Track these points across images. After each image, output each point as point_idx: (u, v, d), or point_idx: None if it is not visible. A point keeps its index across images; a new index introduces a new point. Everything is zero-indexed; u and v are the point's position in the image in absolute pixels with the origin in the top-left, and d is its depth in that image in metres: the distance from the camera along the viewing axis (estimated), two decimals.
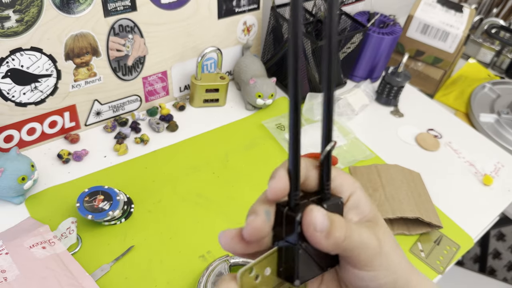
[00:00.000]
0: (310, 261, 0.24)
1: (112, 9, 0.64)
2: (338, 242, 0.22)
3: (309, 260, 0.24)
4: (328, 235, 0.22)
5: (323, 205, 0.24)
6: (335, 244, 0.22)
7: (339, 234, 0.22)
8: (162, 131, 0.74)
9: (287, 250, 0.23)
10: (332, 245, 0.22)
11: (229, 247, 0.24)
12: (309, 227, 0.22)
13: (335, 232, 0.22)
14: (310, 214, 0.22)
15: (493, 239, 1.37)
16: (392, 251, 0.24)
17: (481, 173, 0.78)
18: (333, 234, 0.22)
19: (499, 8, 1.18)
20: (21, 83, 0.61)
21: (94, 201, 0.56)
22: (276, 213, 0.23)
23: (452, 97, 0.98)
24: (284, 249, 0.24)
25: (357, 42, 0.85)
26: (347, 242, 0.22)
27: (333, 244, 0.22)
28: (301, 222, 0.22)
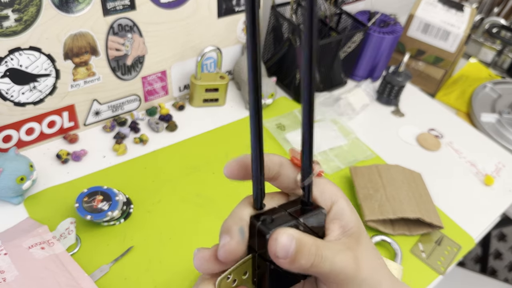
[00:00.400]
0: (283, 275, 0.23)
1: (111, 8, 0.63)
2: (304, 268, 0.21)
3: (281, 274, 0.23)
4: (292, 261, 0.21)
5: (299, 219, 0.23)
6: (301, 270, 0.21)
7: (304, 262, 0.21)
8: (161, 131, 0.74)
9: (260, 263, 0.23)
10: (297, 270, 0.21)
11: (203, 268, 0.23)
12: (271, 252, 0.21)
13: (300, 259, 0.21)
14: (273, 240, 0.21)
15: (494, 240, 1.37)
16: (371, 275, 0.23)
17: (482, 173, 0.78)
18: (297, 261, 0.21)
19: (500, 7, 1.17)
20: (20, 82, 0.60)
21: (93, 202, 0.56)
22: (250, 225, 0.23)
23: (453, 97, 0.98)
24: (257, 261, 0.23)
25: (358, 42, 0.85)
26: (315, 269, 0.21)
27: (298, 269, 0.21)
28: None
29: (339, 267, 0.22)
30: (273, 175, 0.24)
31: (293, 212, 0.23)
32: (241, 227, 0.22)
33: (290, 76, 0.85)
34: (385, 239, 0.62)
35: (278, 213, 0.23)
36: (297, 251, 0.21)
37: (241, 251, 0.22)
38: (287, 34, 0.83)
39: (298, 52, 0.82)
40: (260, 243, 0.22)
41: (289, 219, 0.23)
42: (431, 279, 0.60)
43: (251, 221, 0.23)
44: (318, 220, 0.24)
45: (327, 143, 0.77)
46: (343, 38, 0.82)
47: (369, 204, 0.63)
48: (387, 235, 0.63)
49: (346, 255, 0.23)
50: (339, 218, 0.24)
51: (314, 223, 0.23)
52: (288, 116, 0.81)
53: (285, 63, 0.85)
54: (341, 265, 0.22)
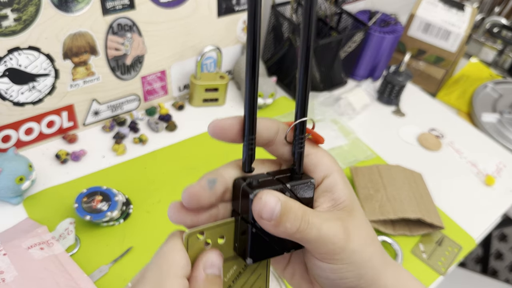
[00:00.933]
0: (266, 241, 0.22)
1: (111, 7, 0.63)
2: (289, 232, 0.20)
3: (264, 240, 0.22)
4: (277, 224, 0.20)
5: (286, 185, 0.22)
6: (286, 234, 0.21)
7: (290, 225, 0.20)
8: (161, 131, 0.73)
9: (241, 226, 0.22)
10: (282, 234, 0.21)
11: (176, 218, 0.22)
12: (256, 213, 0.20)
13: (285, 222, 0.20)
14: (259, 200, 0.20)
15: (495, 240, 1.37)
16: (361, 247, 0.22)
17: (483, 173, 0.78)
18: (283, 224, 0.20)
19: (501, 6, 1.17)
20: (19, 82, 0.60)
21: (92, 202, 0.56)
22: (234, 186, 0.22)
23: (454, 96, 0.98)
24: (239, 224, 0.22)
25: (358, 41, 0.85)
26: (301, 235, 0.21)
27: (283, 233, 0.21)
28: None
29: (326, 235, 0.21)
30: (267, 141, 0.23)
31: (281, 178, 0.23)
32: (214, 178, 0.21)
33: (290, 75, 0.85)
34: (386, 239, 0.62)
35: (265, 178, 0.22)
36: (283, 214, 0.20)
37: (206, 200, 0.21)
38: (287, 34, 0.82)
39: (298, 52, 0.81)
40: (244, 205, 0.22)
41: (276, 184, 0.22)
42: (432, 279, 0.60)
43: (236, 182, 0.22)
44: (306, 189, 0.23)
45: (327, 143, 0.77)
46: (344, 38, 0.82)
47: (369, 205, 0.63)
48: (388, 235, 0.63)
49: (335, 224, 0.22)
50: (331, 191, 0.23)
51: (302, 192, 0.22)
52: (288, 116, 0.80)
53: (285, 62, 0.85)
54: (329, 233, 0.21)
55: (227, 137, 0.22)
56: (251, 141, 0.22)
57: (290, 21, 0.81)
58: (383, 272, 0.23)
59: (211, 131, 0.22)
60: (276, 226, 0.20)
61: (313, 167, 0.23)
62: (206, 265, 0.21)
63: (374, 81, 0.94)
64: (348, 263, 0.22)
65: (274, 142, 0.23)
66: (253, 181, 0.22)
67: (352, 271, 0.22)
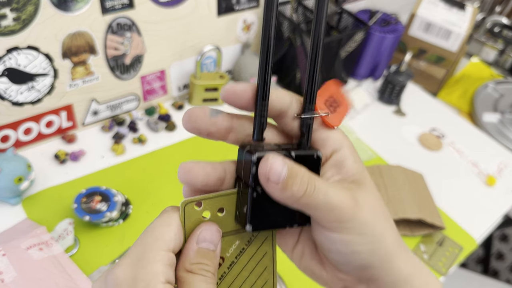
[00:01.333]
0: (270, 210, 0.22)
1: (110, 7, 0.63)
2: (296, 197, 0.20)
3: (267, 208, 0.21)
4: (284, 187, 0.20)
5: (291, 153, 0.21)
6: (293, 199, 0.20)
7: (297, 188, 0.20)
8: (160, 130, 0.73)
9: (243, 192, 0.21)
10: (288, 199, 0.20)
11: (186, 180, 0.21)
12: (262, 175, 0.20)
13: (292, 185, 0.19)
14: (265, 162, 0.20)
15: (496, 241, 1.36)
16: (373, 219, 0.21)
17: (484, 173, 0.77)
18: (289, 187, 0.19)
19: (502, 6, 1.17)
20: (18, 82, 0.60)
21: (91, 202, 0.56)
22: (239, 151, 0.22)
23: (455, 96, 0.97)
24: (241, 191, 0.22)
25: (359, 41, 0.85)
26: (308, 199, 0.20)
27: (289, 198, 0.20)
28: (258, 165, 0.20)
29: (333, 201, 0.20)
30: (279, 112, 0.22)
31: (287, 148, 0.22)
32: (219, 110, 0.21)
33: (290, 75, 0.85)
34: None
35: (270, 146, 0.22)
36: (289, 177, 0.19)
37: (203, 122, 0.21)
38: (288, 34, 0.82)
39: (298, 52, 0.81)
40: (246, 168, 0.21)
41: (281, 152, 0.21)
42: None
43: (241, 145, 0.22)
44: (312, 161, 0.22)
45: None
46: (344, 37, 0.81)
47: None
48: None
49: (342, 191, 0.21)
50: (340, 166, 0.22)
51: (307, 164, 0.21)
52: None
53: (285, 62, 0.85)
54: (336, 199, 0.20)
55: (239, 103, 0.21)
56: (263, 107, 0.21)
57: (290, 20, 0.81)
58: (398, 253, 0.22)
59: (223, 96, 0.21)
60: (283, 189, 0.20)
61: (322, 141, 0.22)
62: (199, 239, 0.20)
63: (374, 80, 0.94)
64: (360, 234, 0.21)
65: (286, 115, 0.22)
66: (258, 146, 0.21)
67: (365, 245, 0.21)
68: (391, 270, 0.22)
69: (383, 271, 0.22)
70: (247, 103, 0.21)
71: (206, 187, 0.22)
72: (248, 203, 0.21)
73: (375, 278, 0.22)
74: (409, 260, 0.23)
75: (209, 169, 0.22)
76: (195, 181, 0.21)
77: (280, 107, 0.22)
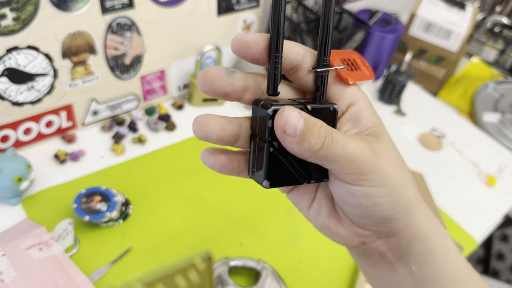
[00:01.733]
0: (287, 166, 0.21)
1: (110, 7, 0.63)
2: (313, 149, 0.19)
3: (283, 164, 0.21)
4: (301, 140, 0.19)
5: (307, 106, 0.21)
6: (310, 152, 0.19)
7: (314, 141, 0.19)
8: (160, 130, 0.73)
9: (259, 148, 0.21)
10: (306, 152, 0.19)
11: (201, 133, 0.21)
12: (278, 128, 0.19)
13: (309, 138, 0.19)
14: (281, 114, 0.19)
15: (496, 241, 1.36)
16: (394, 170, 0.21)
17: (484, 173, 0.77)
18: (306, 140, 0.19)
19: (502, 6, 1.17)
20: (18, 82, 0.60)
21: (91, 202, 0.55)
22: (253, 111, 0.21)
23: (455, 96, 0.97)
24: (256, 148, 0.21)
25: (359, 41, 0.84)
26: (325, 151, 0.19)
27: (307, 151, 0.19)
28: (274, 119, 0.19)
29: (352, 152, 0.20)
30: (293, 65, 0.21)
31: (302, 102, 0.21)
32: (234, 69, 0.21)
33: None
34: None
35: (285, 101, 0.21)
36: (306, 129, 0.19)
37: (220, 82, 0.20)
38: (288, 33, 0.82)
39: None
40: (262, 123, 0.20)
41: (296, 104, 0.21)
42: None
43: (255, 102, 0.21)
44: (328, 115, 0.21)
45: None
46: (344, 37, 0.81)
47: None
48: None
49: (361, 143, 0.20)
50: (356, 119, 0.22)
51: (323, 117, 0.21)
52: None
53: None
54: (355, 150, 0.20)
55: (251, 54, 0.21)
56: (277, 59, 0.20)
57: (290, 20, 0.80)
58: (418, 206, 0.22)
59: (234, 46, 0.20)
60: (300, 142, 0.19)
61: (337, 95, 0.22)
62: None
63: (375, 80, 0.94)
64: (381, 185, 0.21)
65: (299, 68, 0.22)
66: (273, 101, 0.21)
67: (386, 196, 0.21)
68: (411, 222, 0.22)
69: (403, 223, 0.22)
70: (259, 55, 0.21)
71: (221, 141, 0.21)
72: (265, 158, 0.21)
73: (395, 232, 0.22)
74: (428, 215, 0.23)
75: (225, 123, 0.21)
76: (210, 135, 0.21)
77: (293, 59, 0.21)
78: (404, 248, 0.22)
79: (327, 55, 0.21)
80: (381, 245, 0.23)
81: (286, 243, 0.59)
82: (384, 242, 0.23)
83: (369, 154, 0.20)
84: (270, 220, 0.62)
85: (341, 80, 0.22)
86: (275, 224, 0.61)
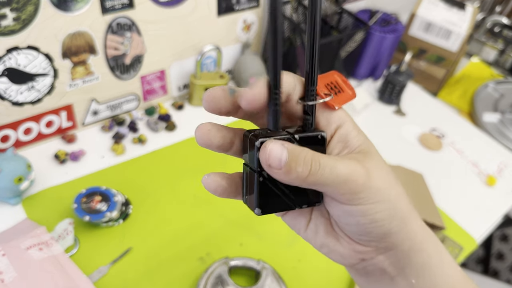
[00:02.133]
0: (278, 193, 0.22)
1: (110, 7, 0.63)
2: (302, 177, 0.20)
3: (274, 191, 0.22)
4: (288, 171, 0.20)
5: (295, 136, 0.21)
6: (300, 180, 0.20)
7: (301, 169, 0.20)
8: (160, 130, 0.73)
9: (250, 176, 0.22)
10: (295, 180, 0.20)
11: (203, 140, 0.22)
12: (263, 162, 0.20)
13: (296, 167, 0.20)
14: (264, 149, 0.20)
15: (496, 240, 1.36)
16: (386, 185, 0.21)
17: (484, 173, 0.77)
18: (294, 169, 0.20)
19: (502, 6, 1.17)
20: (18, 82, 0.60)
21: (91, 202, 0.55)
22: (243, 138, 0.22)
23: (455, 96, 0.97)
24: (248, 175, 0.22)
25: (359, 41, 0.84)
26: (314, 177, 0.20)
27: (296, 179, 0.20)
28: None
29: (342, 173, 0.20)
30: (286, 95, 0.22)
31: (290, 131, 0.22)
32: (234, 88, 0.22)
33: None
34: None
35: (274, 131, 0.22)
36: (291, 160, 0.20)
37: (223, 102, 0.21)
38: (288, 33, 0.82)
39: (298, 52, 0.81)
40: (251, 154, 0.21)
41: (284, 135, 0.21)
42: None
43: (244, 133, 0.22)
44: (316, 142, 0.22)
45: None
46: (344, 37, 0.81)
47: None
48: None
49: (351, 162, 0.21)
50: (344, 140, 0.22)
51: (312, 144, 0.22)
52: None
53: (285, 62, 0.85)
54: (345, 171, 0.20)
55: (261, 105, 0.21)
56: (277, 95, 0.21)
57: (290, 20, 0.81)
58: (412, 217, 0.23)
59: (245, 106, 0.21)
60: (288, 172, 0.20)
61: (325, 120, 0.23)
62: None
63: (374, 80, 0.94)
64: (376, 202, 0.21)
65: (290, 98, 0.22)
66: (261, 132, 0.21)
67: (382, 212, 0.21)
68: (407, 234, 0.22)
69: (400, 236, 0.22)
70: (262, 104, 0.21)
71: (219, 148, 0.23)
72: (255, 187, 0.22)
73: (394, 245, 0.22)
74: (422, 225, 0.23)
75: (225, 131, 0.22)
76: (213, 141, 0.22)
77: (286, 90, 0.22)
78: (403, 261, 0.23)
79: (314, 85, 0.22)
80: (382, 260, 0.23)
81: (286, 243, 0.59)
82: (384, 257, 0.23)
83: (360, 173, 0.21)
84: (270, 220, 0.62)
85: (328, 106, 0.23)
86: (275, 224, 0.61)
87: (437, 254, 0.23)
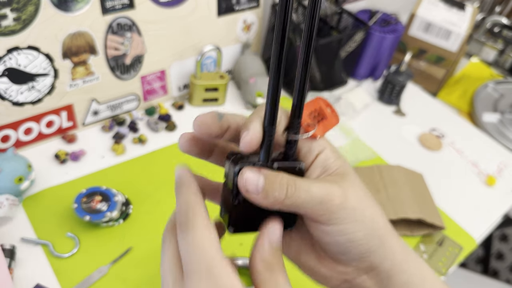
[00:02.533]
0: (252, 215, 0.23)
1: (110, 7, 0.63)
2: (279, 200, 0.21)
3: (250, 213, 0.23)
4: (265, 196, 0.21)
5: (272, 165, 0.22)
6: (277, 203, 0.21)
7: (278, 194, 0.21)
8: (160, 131, 0.73)
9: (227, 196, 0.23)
10: (273, 204, 0.21)
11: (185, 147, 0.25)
12: (241, 188, 0.21)
13: (273, 192, 0.21)
14: (241, 176, 0.21)
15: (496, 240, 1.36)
16: (362, 205, 0.22)
17: (484, 173, 0.78)
18: (271, 194, 0.21)
19: (501, 6, 1.17)
20: (18, 82, 0.60)
21: (91, 202, 0.56)
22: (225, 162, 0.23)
23: (455, 96, 0.97)
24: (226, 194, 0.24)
25: (359, 41, 0.85)
26: (291, 200, 0.21)
27: (273, 203, 0.21)
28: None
29: (318, 195, 0.21)
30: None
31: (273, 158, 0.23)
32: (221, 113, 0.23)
33: (290, 75, 0.85)
34: None
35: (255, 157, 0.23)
36: (268, 185, 0.21)
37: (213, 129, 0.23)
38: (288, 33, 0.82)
39: (298, 52, 0.81)
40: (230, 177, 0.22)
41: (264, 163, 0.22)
42: None
43: (228, 154, 0.23)
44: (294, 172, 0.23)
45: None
46: (344, 37, 0.82)
47: None
48: None
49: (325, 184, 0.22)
50: (323, 165, 0.23)
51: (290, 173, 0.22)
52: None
53: None
54: (320, 192, 0.21)
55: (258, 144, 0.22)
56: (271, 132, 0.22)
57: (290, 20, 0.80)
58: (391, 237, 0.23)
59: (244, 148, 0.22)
60: (265, 197, 0.21)
61: (307, 148, 0.24)
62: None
63: (374, 80, 0.94)
64: (352, 221, 0.22)
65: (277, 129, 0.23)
66: (242, 157, 0.22)
67: (359, 231, 0.22)
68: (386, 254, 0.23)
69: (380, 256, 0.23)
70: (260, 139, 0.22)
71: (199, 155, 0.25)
72: (231, 207, 0.23)
73: (375, 265, 0.23)
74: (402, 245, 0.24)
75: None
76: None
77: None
78: (386, 281, 0.23)
79: (299, 118, 0.23)
80: (364, 280, 0.24)
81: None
82: (367, 277, 0.24)
83: (336, 193, 0.21)
84: None
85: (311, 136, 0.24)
86: None
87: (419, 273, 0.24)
